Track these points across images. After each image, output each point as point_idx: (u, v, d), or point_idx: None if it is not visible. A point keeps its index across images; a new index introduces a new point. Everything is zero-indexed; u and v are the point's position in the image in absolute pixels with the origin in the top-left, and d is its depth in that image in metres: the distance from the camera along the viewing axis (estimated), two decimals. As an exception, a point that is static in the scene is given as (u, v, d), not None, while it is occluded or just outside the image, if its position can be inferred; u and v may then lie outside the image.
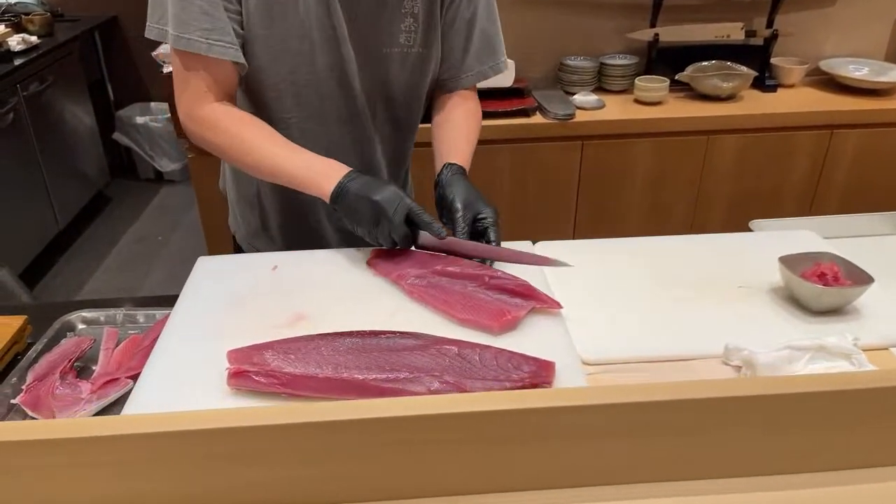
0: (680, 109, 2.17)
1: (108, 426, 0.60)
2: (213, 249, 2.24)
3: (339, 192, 0.98)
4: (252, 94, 1.08)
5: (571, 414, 0.63)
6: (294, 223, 1.21)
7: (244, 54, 1.01)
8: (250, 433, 0.60)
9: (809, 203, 2.27)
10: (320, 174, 1.00)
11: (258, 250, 1.24)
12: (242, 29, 0.99)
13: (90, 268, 3.00)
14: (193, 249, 3.05)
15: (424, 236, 1.02)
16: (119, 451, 0.60)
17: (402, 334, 0.82)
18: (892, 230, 1.34)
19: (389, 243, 0.99)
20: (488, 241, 1.02)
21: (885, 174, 2.24)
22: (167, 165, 3.67)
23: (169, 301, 1.04)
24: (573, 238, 2.26)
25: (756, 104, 2.21)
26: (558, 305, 0.94)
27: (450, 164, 1.09)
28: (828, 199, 2.27)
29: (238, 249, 1.29)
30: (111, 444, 0.60)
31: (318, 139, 1.10)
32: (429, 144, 1.20)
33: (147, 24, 1.00)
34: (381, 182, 0.99)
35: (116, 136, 3.61)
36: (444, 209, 1.06)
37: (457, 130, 1.17)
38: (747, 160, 2.18)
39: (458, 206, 1.03)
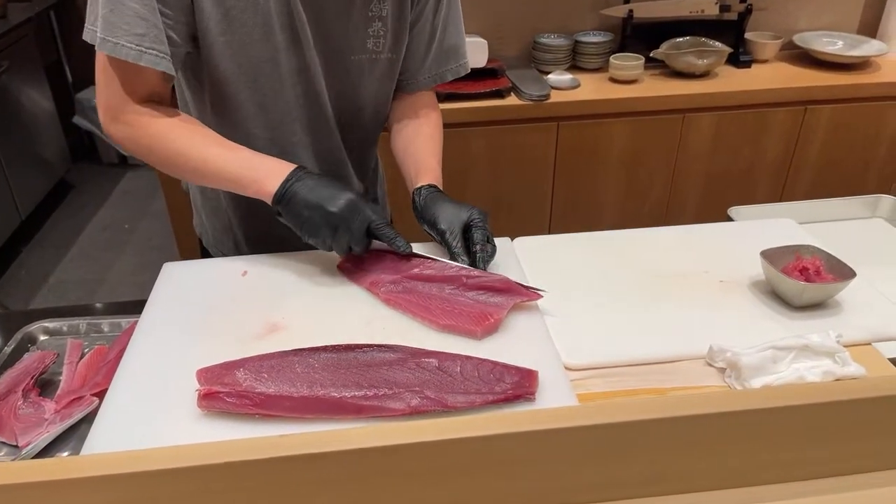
0: (655, 88, 2.15)
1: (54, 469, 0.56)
2: (181, 238, 2.17)
3: (284, 195, 0.90)
4: (215, 102, 1.01)
5: (553, 437, 0.61)
6: (259, 230, 1.15)
7: (205, 56, 0.95)
8: (223, 469, 0.57)
9: (784, 180, 2.28)
10: (261, 172, 0.92)
11: (224, 254, 1.19)
12: (180, 38, 0.91)
13: (55, 258, 2.92)
14: (161, 237, 2.98)
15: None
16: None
17: (380, 347, 0.79)
18: (868, 213, 1.34)
19: (344, 252, 0.94)
20: (473, 241, 0.98)
21: (857, 150, 2.25)
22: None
23: (135, 307, 1.00)
24: (550, 221, 2.24)
25: (731, 81, 2.20)
26: (538, 296, 0.92)
27: (417, 189, 1.04)
28: (802, 176, 2.28)
29: (205, 253, 1.24)
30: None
31: (285, 149, 1.04)
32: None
33: (85, 25, 0.91)
34: (334, 185, 0.91)
35: (76, 119, 3.49)
36: (431, 231, 1.01)
37: (425, 144, 1.12)
38: (723, 138, 2.17)
39: (444, 227, 0.98)
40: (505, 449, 0.61)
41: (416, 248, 1.00)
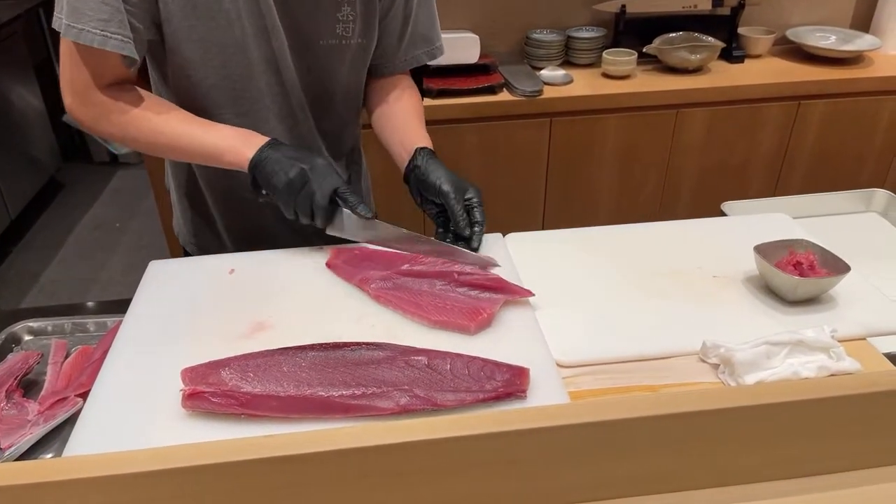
0: (648, 83, 2.14)
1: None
2: (172, 237, 2.15)
3: (261, 159, 0.93)
4: (182, 91, 1.01)
5: (544, 435, 0.60)
6: (242, 220, 1.14)
7: (170, 44, 0.95)
8: (206, 471, 0.56)
9: (777, 175, 2.27)
10: (239, 141, 0.95)
11: (206, 248, 1.17)
12: (142, 24, 0.92)
13: (46, 258, 2.89)
14: (152, 235, 2.95)
15: (346, 222, 0.97)
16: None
17: (368, 345, 0.78)
18: (862, 207, 1.33)
19: (307, 216, 0.94)
20: (474, 221, 1.00)
21: (850, 144, 2.25)
22: (121, 147, 3.53)
23: (120, 307, 0.98)
24: (543, 217, 2.23)
25: (724, 76, 2.19)
26: (530, 293, 0.91)
27: (421, 148, 1.05)
28: (795, 171, 2.27)
29: (187, 254, 1.22)
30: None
31: None
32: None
33: (54, 14, 0.91)
34: (307, 151, 0.95)
35: (66, 118, 3.44)
36: (432, 195, 1.01)
37: (410, 117, 1.12)
38: (716, 133, 2.16)
39: (448, 188, 0.99)
40: (495, 448, 0.60)
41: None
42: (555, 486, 0.64)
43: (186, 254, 1.23)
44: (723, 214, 1.27)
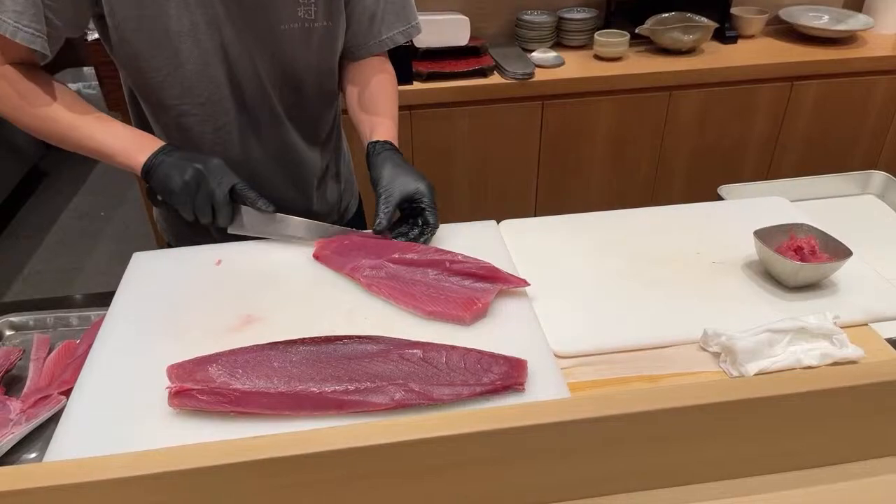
0: (640, 65, 2.11)
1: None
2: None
3: (154, 164, 0.92)
4: (139, 84, 0.98)
5: (543, 432, 0.58)
6: None
7: (115, 38, 0.93)
8: (192, 476, 0.54)
9: (770, 156, 2.26)
10: (133, 144, 0.94)
11: (188, 242, 1.13)
12: (60, 21, 0.90)
13: (30, 248, 2.84)
14: (139, 224, 2.91)
15: (247, 219, 0.96)
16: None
17: (361, 339, 0.76)
18: (859, 189, 1.32)
19: (207, 214, 0.92)
20: (425, 224, 0.97)
21: (844, 125, 2.23)
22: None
23: (104, 300, 0.95)
24: (535, 201, 2.20)
25: (717, 57, 2.16)
26: (524, 283, 0.89)
27: (373, 142, 1.02)
28: (789, 152, 2.26)
29: (169, 245, 1.19)
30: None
31: (221, 125, 1.02)
32: None
33: None
34: (199, 154, 0.94)
35: (49, 104, 3.38)
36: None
37: (378, 103, 1.09)
38: (709, 115, 2.14)
39: (380, 191, 0.97)
40: (493, 445, 0.58)
41: None
42: (553, 481, 0.62)
43: (171, 245, 1.19)
44: (719, 198, 1.25)
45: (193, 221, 0.94)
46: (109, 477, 0.52)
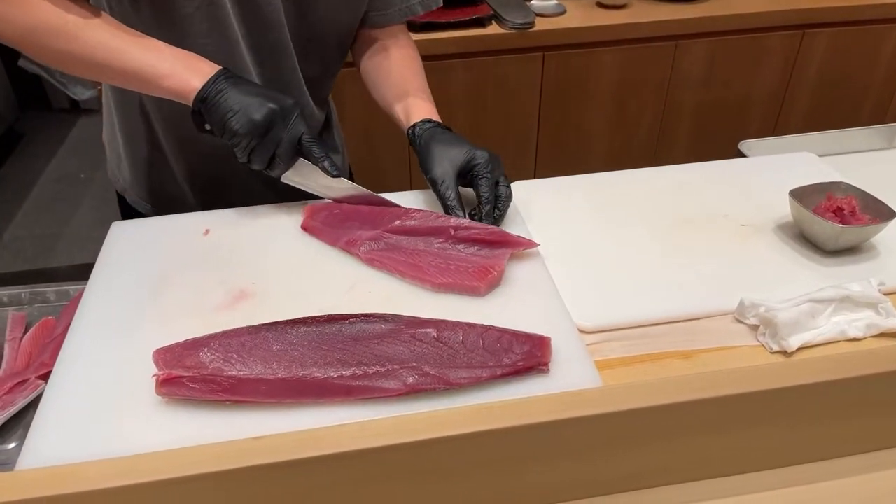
0: (645, 13, 2.00)
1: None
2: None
3: (213, 93, 0.78)
4: (159, 12, 0.85)
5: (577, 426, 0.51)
6: (207, 176, 1.02)
7: None
8: (184, 484, 0.47)
9: (779, 108, 2.18)
10: (182, 65, 0.80)
11: (163, 211, 1.02)
12: None
13: (7, 213, 2.73)
14: (122, 187, 2.80)
15: (309, 172, 0.87)
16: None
17: (368, 317, 0.68)
18: (885, 144, 1.24)
19: (265, 161, 0.82)
20: (478, 192, 0.87)
21: (855, 74, 2.15)
22: (82, 93, 3.32)
23: (83, 272, 0.87)
24: (536, 157, 2.12)
25: (725, 4, 2.05)
26: (534, 244, 0.82)
27: (412, 126, 0.93)
28: (798, 103, 2.17)
29: (128, 212, 1.09)
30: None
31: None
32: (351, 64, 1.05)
33: None
34: (271, 89, 0.82)
35: (22, 62, 3.23)
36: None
37: (406, 82, 1.01)
38: (717, 65, 2.05)
39: (435, 175, 0.87)
40: (518, 442, 0.51)
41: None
42: (583, 477, 0.56)
43: (127, 213, 1.10)
44: (740, 154, 1.17)
45: (244, 163, 0.83)
46: (88, 489, 0.45)
